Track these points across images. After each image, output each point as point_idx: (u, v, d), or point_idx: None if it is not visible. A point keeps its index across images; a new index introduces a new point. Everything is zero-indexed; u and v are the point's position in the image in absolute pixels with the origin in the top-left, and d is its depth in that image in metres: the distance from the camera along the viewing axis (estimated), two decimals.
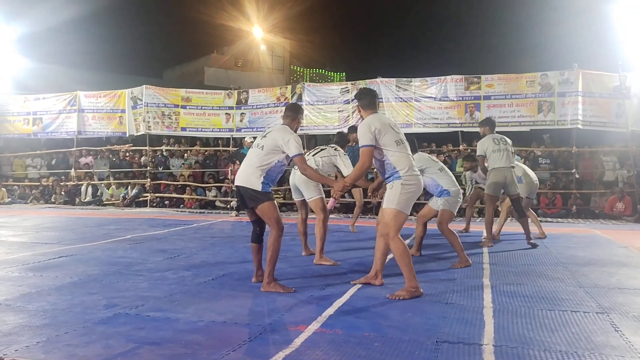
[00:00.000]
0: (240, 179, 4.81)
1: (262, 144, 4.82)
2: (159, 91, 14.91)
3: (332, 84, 15.35)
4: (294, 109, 5.11)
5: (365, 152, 4.55)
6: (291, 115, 5.06)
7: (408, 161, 4.61)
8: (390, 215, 4.57)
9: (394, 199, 4.55)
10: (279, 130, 4.88)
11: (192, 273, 5.61)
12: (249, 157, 4.87)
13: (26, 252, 6.81)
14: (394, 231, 4.55)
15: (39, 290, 4.76)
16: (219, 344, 3.37)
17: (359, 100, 4.87)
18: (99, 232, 9.01)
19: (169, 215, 12.51)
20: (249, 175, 4.76)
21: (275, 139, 4.79)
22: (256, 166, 4.75)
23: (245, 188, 4.74)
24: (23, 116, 15.96)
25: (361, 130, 4.59)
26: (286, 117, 5.07)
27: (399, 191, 4.54)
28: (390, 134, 4.60)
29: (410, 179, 4.56)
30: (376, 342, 3.43)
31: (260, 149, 4.80)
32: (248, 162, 4.83)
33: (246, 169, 4.80)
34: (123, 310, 4.14)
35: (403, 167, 4.56)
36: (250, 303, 4.41)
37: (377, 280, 5.01)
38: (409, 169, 4.57)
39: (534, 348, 3.35)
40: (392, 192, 4.58)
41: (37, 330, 3.64)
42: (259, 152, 4.80)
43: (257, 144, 4.87)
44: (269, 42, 34.42)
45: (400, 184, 4.54)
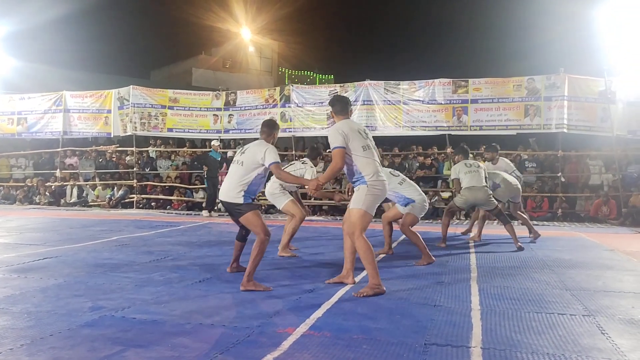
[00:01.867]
0: (223, 194, 5.10)
1: (241, 160, 5.07)
2: (146, 92, 14.80)
3: (321, 86, 15.37)
4: (270, 125, 5.33)
5: (337, 154, 4.73)
6: (267, 131, 5.27)
7: (374, 167, 4.80)
8: (357, 215, 4.76)
9: (360, 200, 4.75)
10: (256, 145, 5.13)
11: (179, 275, 5.57)
12: (231, 172, 5.13)
13: (10, 254, 6.71)
14: (359, 230, 4.75)
15: (23, 292, 4.69)
16: (207, 346, 3.35)
17: (332, 106, 5.11)
18: (85, 233, 8.91)
19: (156, 217, 12.41)
20: (230, 191, 5.02)
21: (254, 153, 5.03)
22: (237, 182, 5.00)
23: (228, 203, 5.05)
24: (7, 116, 15.74)
25: (332, 133, 4.81)
26: (262, 133, 5.29)
27: (365, 193, 4.74)
28: (357, 139, 4.80)
29: (376, 183, 4.76)
30: (364, 345, 3.42)
31: (240, 165, 5.05)
32: (230, 177, 5.09)
33: (228, 184, 5.06)
34: (109, 312, 4.09)
35: (369, 173, 4.76)
36: (238, 305, 4.38)
37: (349, 279, 5.15)
38: (374, 174, 4.77)
39: (522, 350, 3.37)
40: (359, 194, 4.78)
41: (22, 332, 3.58)
42: (239, 168, 5.05)
43: (237, 160, 5.12)
44: (257, 43, 34.37)
45: (366, 187, 4.75)
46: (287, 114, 13.66)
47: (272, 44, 35.76)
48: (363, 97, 13.01)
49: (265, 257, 6.76)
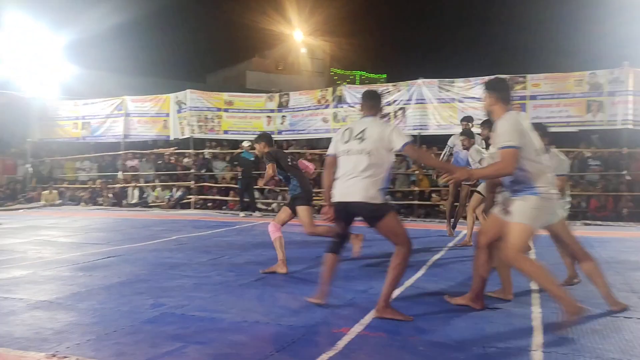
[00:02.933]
0: (356, 193, 4.01)
1: (365, 148, 4.03)
2: (202, 95, 15.15)
3: (373, 86, 15.28)
4: (375, 97, 4.33)
5: (511, 155, 3.70)
6: (375, 104, 4.28)
7: (549, 178, 3.89)
8: (519, 231, 3.78)
9: (526, 212, 3.78)
10: (376, 126, 4.12)
11: (235, 274, 5.67)
12: (355, 167, 4.04)
13: (76, 252, 7.02)
14: (518, 250, 3.78)
15: (89, 290, 4.90)
16: (263, 344, 3.40)
17: (496, 91, 4.02)
18: (145, 233, 9.22)
19: (212, 217, 12.69)
20: (369, 189, 3.99)
21: (380, 135, 4.04)
22: (372, 176, 4.01)
23: (364, 204, 4.00)
24: (72, 120, 16.48)
25: (507, 127, 3.78)
26: (370, 109, 4.27)
27: (533, 205, 3.78)
28: (533, 139, 3.88)
29: (549, 196, 3.82)
30: (421, 346, 3.39)
31: (366, 154, 4.02)
32: (357, 173, 4.02)
33: (359, 181, 4.01)
34: (169, 309, 4.22)
35: (544, 183, 3.81)
36: (293, 305, 4.41)
37: (478, 304, 4.29)
38: (549, 185, 3.84)
39: (585, 355, 3.25)
40: (524, 205, 3.80)
41: (87, 328, 3.74)
42: (366, 158, 4.02)
43: (356, 149, 4.07)
44: (309, 45, 34.61)
45: (538, 198, 3.78)
46: (339, 115, 13.66)
47: (324, 45, 35.93)
48: (416, 96, 12.86)
49: (312, 257, 6.80)
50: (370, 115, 4.26)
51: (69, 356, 3.16)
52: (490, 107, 4.05)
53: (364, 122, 4.23)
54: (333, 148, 4.29)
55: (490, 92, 4.04)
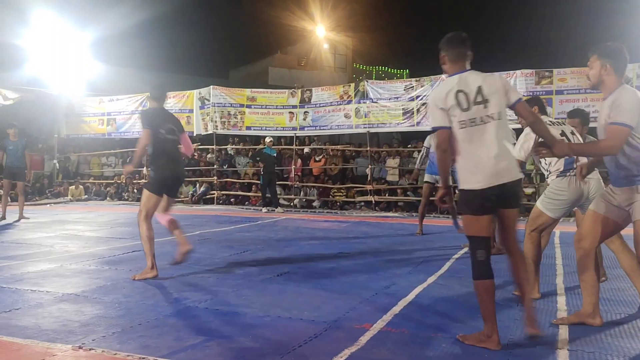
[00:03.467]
0: (507, 172, 3.24)
1: (493, 113, 3.24)
2: (225, 91, 15.23)
3: (396, 81, 15.18)
4: (466, 41, 3.47)
5: (621, 134, 3.23)
6: (468, 50, 3.44)
7: None
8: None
9: None
10: (488, 81, 3.33)
11: (257, 269, 5.70)
12: (492, 137, 3.23)
13: (102, 247, 7.13)
14: None
15: (114, 283, 4.97)
16: (286, 339, 3.40)
17: (611, 58, 3.39)
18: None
19: (235, 212, 12.78)
20: (512, 163, 3.31)
21: (499, 91, 3.30)
22: (508, 147, 3.32)
23: (518, 182, 3.34)
24: (98, 117, 16.73)
25: (628, 103, 3.26)
26: (465, 58, 3.43)
27: None
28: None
29: None
30: (443, 343, 3.36)
31: (496, 121, 3.25)
32: (498, 145, 3.23)
33: (504, 154, 3.25)
34: (193, 303, 4.25)
35: None
36: (315, 300, 4.42)
37: (597, 320, 3.69)
38: None
39: (612, 354, 3.19)
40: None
41: (113, 321, 3.79)
42: (496, 125, 3.25)
43: (487, 116, 3.24)
44: (331, 40, 34.52)
45: None
46: (362, 110, 13.61)
47: (346, 41, 35.78)
48: None
49: (335, 252, 6.79)
50: (466, 68, 3.42)
51: (94, 348, 3.21)
52: (600, 78, 3.42)
53: (469, 79, 3.33)
54: (443, 119, 3.29)
55: (604, 59, 3.41)
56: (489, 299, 3.26)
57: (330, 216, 12.12)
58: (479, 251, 3.26)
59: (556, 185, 4.36)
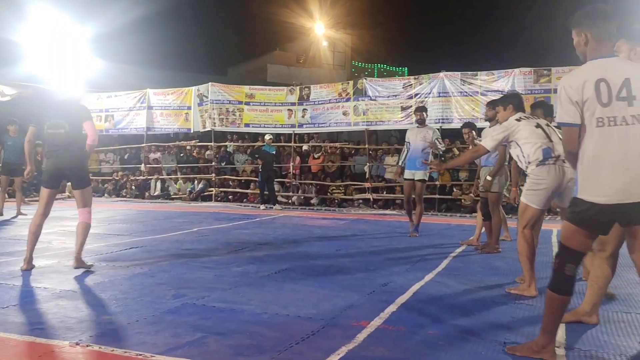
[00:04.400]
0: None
1: (637, 112, 2.70)
2: (223, 88, 15.22)
3: (395, 79, 15.19)
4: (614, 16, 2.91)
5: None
6: (614, 29, 2.91)
7: None
8: None
9: None
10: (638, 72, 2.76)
11: (255, 266, 5.70)
12: (631, 144, 2.70)
13: (99, 243, 7.12)
14: None
15: (112, 280, 4.97)
16: (283, 336, 3.40)
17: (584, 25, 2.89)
18: (167, 224, 9.31)
19: (233, 210, 12.78)
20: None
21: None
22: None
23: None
24: (96, 113, 16.65)
25: None
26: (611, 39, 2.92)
27: None
28: None
29: None
30: (441, 341, 3.36)
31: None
32: (635, 155, 2.70)
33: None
34: (190, 300, 4.25)
35: None
36: (313, 297, 4.42)
37: (593, 318, 3.69)
38: None
39: (609, 352, 3.20)
40: None
41: (110, 317, 3.79)
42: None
43: (632, 116, 2.69)
44: (330, 38, 34.50)
45: None
46: (360, 108, 13.61)
47: (345, 38, 35.76)
48: (438, 88, 12.74)
49: (333, 250, 6.80)
50: (613, 52, 2.92)
51: (92, 345, 3.21)
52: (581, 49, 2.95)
53: (616, 66, 2.76)
54: (574, 115, 2.78)
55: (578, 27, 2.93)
56: (559, 313, 3.00)
57: (329, 214, 12.13)
58: (568, 265, 2.90)
59: (535, 175, 4.41)
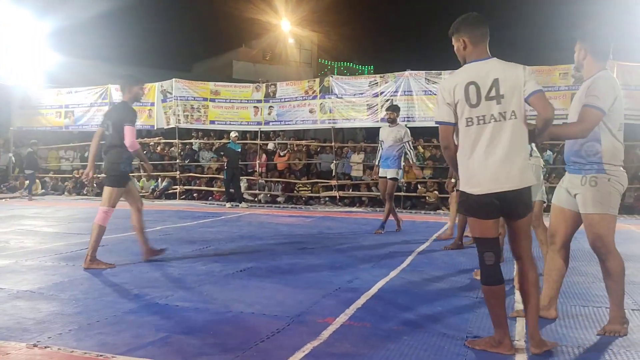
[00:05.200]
0: (511, 179, 2.96)
1: (507, 110, 2.97)
2: (188, 85, 15.02)
3: (361, 77, 15.25)
4: (485, 22, 3.18)
5: (594, 117, 3.24)
6: (487, 33, 3.15)
7: (621, 154, 3.44)
8: (604, 224, 3.35)
9: (605, 201, 3.33)
10: (507, 71, 3.01)
11: (220, 264, 5.65)
12: (500, 139, 2.97)
13: (59, 242, 6.95)
14: (613, 244, 3.42)
15: (72, 280, 4.85)
16: (248, 334, 3.38)
17: (594, 44, 3.46)
18: (129, 223, 9.10)
19: (198, 208, 12.63)
20: (525, 169, 3.02)
21: (517, 84, 2.99)
22: (523, 149, 3.04)
23: (520, 191, 3.00)
24: (56, 109, 16.27)
25: (604, 86, 3.31)
26: (484, 40, 3.14)
27: (609, 191, 3.33)
28: (620, 111, 3.42)
29: (617, 175, 3.39)
30: (405, 336, 3.40)
31: (511, 120, 2.97)
32: (509, 148, 2.96)
33: (512, 159, 2.97)
34: (153, 299, 4.18)
35: (613, 161, 3.38)
36: (278, 295, 4.40)
37: (551, 312, 3.78)
38: (618, 165, 3.42)
39: (568, 344, 3.28)
40: (601, 193, 3.32)
41: (70, 318, 3.70)
42: (511, 125, 2.97)
43: (500, 113, 2.96)
44: (297, 35, 34.41)
45: (607, 180, 3.34)
46: (326, 105, 13.62)
47: (312, 36, 35.73)
48: (403, 87, 12.85)
49: (299, 247, 6.80)
50: (488, 54, 3.12)
51: (50, 346, 3.12)
52: (579, 62, 3.51)
53: (486, 68, 3.04)
54: (448, 115, 3.06)
55: (584, 43, 3.45)
56: (498, 304, 3.05)
57: (295, 211, 12.11)
58: (486, 254, 3.03)
59: None
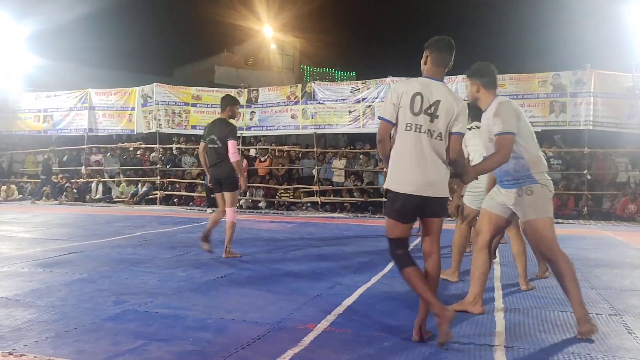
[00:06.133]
0: (432, 188, 3.29)
1: (436, 130, 3.31)
2: (169, 89, 14.93)
3: (343, 83, 15.32)
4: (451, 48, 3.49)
5: (508, 142, 3.56)
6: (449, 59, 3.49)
7: (543, 161, 3.80)
8: (547, 227, 3.69)
9: (543, 206, 3.69)
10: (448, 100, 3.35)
11: (201, 270, 5.60)
12: (427, 152, 3.29)
13: (36, 248, 6.83)
14: (557, 244, 3.71)
15: (49, 286, 4.77)
16: (228, 341, 3.36)
17: (481, 77, 3.90)
18: (109, 229, 9.03)
19: (179, 213, 12.53)
20: (443, 181, 3.37)
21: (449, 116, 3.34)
22: (444, 166, 3.37)
23: (439, 199, 3.37)
24: (34, 113, 16.03)
25: (503, 112, 3.64)
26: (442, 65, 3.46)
27: (544, 196, 3.70)
28: (527, 124, 3.75)
29: (547, 182, 3.75)
30: (386, 342, 3.40)
31: (435, 136, 3.31)
32: (431, 160, 3.30)
33: (435, 170, 3.31)
34: (132, 306, 4.13)
35: (540, 169, 3.73)
36: (259, 301, 4.38)
37: (477, 308, 4.09)
38: (544, 171, 3.77)
39: (547, 349, 3.31)
40: (538, 199, 3.68)
41: (46, 325, 3.64)
42: (439, 142, 3.32)
43: (430, 129, 3.30)
44: (279, 41, 34.48)
45: (540, 187, 3.70)
46: (308, 111, 13.64)
47: (294, 42, 35.85)
48: (384, 93, 12.93)
49: (280, 253, 6.79)
50: (441, 78, 3.47)
51: (26, 354, 3.07)
52: (475, 95, 3.91)
53: (438, 89, 3.37)
54: (391, 114, 3.35)
55: (473, 78, 3.91)
56: (419, 282, 3.33)
57: (276, 217, 12.08)
58: (398, 250, 3.42)
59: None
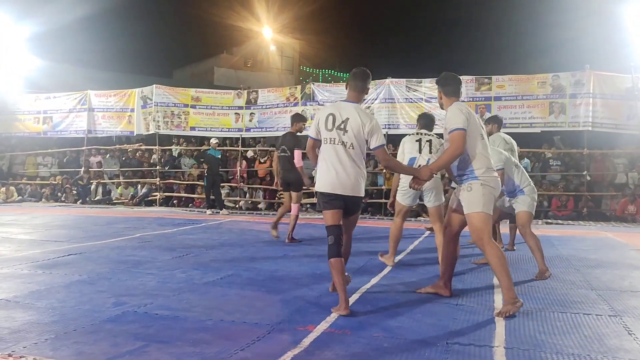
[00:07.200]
0: (348, 187, 4.11)
1: (347, 141, 4.11)
2: (168, 91, 14.94)
3: (342, 84, 15.30)
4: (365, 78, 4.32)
5: (459, 137, 4.09)
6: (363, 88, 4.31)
7: (487, 160, 4.23)
8: (480, 220, 4.13)
9: (478, 201, 4.13)
10: (357, 118, 4.12)
11: (200, 272, 5.60)
12: (343, 159, 4.10)
13: (36, 250, 6.83)
14: (488, 235, 4.14)
15: (48, 288, 4.77)
16: (228, 343, 3.36)
17: (443, 86, 4.48)
18: (108, 230, 9.02)
19: (178, 215, 12.53)
20: (359, 183, 4.18)
21: (360, 131, 4.11)
22: (361, 169, 4.18)
23: (355, 197, 4.18)
24: (33, 115, 16.04)
25: (453, 112, 4.22)
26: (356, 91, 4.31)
27: (481, 192, 4.13)
28: (477, 125, 4.26)
29: (489, 179, 4.17)
30: (385, 343, 3.40)
31: (349, 148, 4.11)
32: (350, 166, 4.11)
33: (350, 173, 4.12)
34: (131, 308, 4.13)
35: (481, 166, 4.18)
36: (259, 302, 4.38)
37: (446, 292, 4.65)
38: (486, 169, 4.19)
39: (546, 351, 3.31)
40: (474, 195, 4.14)
41: (46, 327, 3.63)
42: (351, 151, 4.12)
43: (342, 141, 4.12)
44: (278, 42, 34.45)
45: (480, 184, 4.14)
46: (308, 112, 13.64)
47: (293, 43, 35.82)
48: (384, 95, 12.94)
49: (280, 254, 6.79)
50: (354, 100, 4.28)
51: (25, 356, 3.06)
52: (440, 100, 4.56)
53: (347, 109, 4.18)
54: (315, 132, 4.25)
55: (438, 86, 4.56)
56: (338, 273, 4.08)
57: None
58: (330, 237, 4.14)
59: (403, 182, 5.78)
